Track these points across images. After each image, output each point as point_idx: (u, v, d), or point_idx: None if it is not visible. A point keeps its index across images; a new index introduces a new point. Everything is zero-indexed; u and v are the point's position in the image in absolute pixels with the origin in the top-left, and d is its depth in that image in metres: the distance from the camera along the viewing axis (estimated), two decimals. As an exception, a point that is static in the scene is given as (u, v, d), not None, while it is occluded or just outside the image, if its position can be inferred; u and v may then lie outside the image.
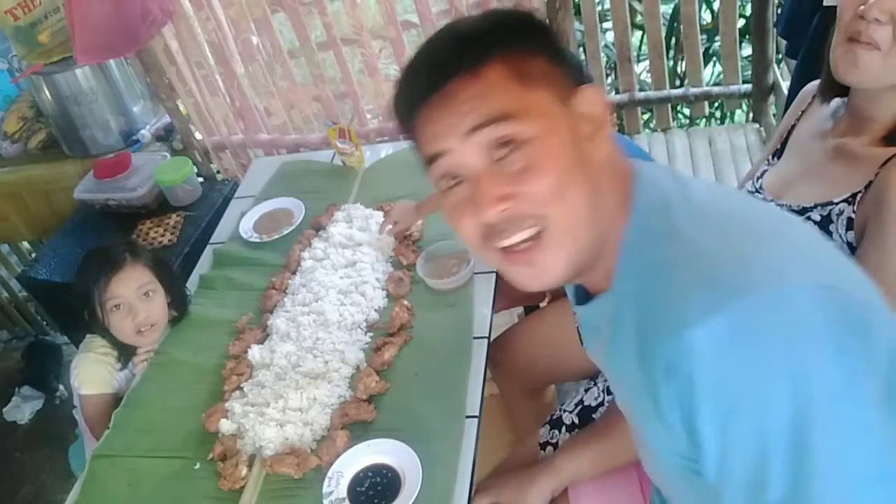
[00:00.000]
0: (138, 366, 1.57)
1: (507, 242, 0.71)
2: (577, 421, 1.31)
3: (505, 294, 1.59)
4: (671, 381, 0.63)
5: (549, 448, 1.31)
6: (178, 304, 1.62)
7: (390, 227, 1.63)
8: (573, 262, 0.72)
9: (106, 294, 1.49)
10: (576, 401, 1.34)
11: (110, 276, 1.49)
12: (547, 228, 0.70)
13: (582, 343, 0.91)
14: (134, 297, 1.51)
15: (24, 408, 2.81)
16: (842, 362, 0.60)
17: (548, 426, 1.33)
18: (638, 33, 2.91)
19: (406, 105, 0.74)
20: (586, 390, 1.33)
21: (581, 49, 2.52)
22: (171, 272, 1.65)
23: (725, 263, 0.64)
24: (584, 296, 0.83)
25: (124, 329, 1.52)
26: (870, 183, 0.97)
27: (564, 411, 1.33)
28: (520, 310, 2.01)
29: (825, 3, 1.27)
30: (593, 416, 1.28)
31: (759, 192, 1.18)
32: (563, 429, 1.31)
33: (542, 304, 1.79)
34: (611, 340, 0.77)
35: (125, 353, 1.56)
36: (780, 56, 2.00)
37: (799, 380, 0.59)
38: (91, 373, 1.55)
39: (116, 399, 1.54)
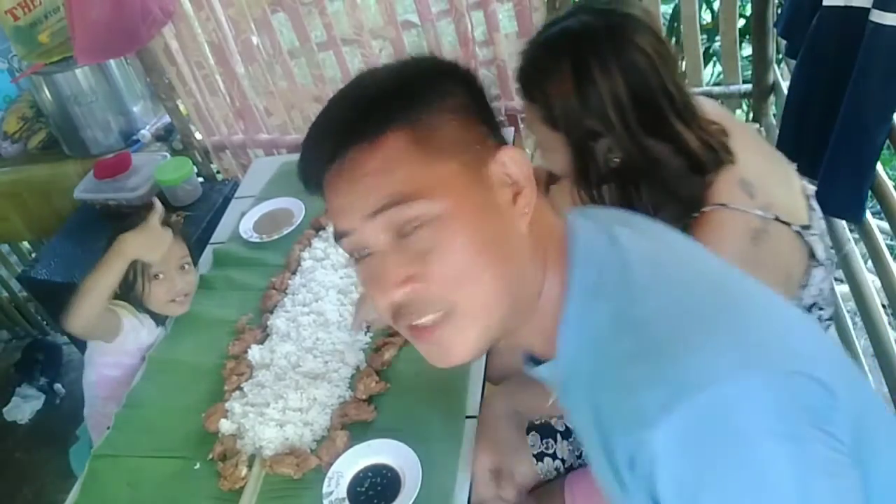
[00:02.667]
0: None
1: (414, 322, 0.68)
2: (571, 426, 1.30)
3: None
4: (634, 471, 0.61)
5: (547, 459, 1.30)
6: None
7: (365, 325, 1.45)
8: (482, 342, 0.69)
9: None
10: None
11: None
12: (454, 311, 0.66)
13: None
14: (174, 267, 1.58)
15: (24, 408, 2.81)
16: (800, 453, 0.58)
17: (538, 435, 1.32)
18: (638, 33, 2.91)
19: (310, 170, 0.70)
20: None
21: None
22: (192, 249, 1.72)
23: (676, 357, 0.60)
24: (530, 356, 0.80)
25: (159, 297, 1.58)
26: None
27: (552, 418, 1.33)
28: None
29: (825, 4, 1.27)
30: None
31: None
32: (559, 436, 1.31)
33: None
34: (569, 408, 0.75)
35: (153, 316, 1.62)
36: (780, 56, 1.99)
37: (764, 479, 0.57)
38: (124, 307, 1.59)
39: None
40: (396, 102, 0.66)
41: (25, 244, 2.97)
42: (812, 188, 1.22)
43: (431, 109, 0.66)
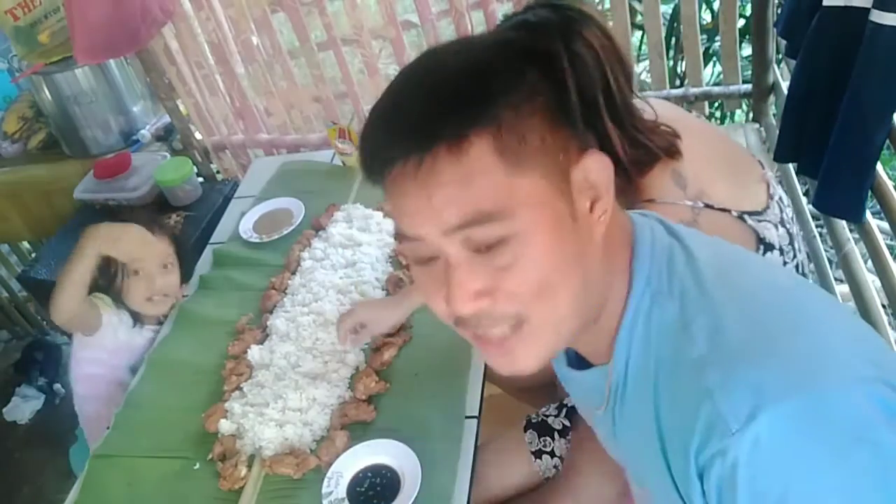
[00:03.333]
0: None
1: (482, 333, 0.65)
2: (567, 423, 1.31)
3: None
4: (707, 482, 0.59)
5: (545, 457, 1.31)
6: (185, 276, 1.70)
7: (352, 337, 1.37)
8: (551, 352, 0.67)
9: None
10: (555, 404, 1.34)
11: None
12: (525, 324, 0.63)
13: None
14: (156, 265, 1.58)
15: (24, 408, 2.81)
16: (885, 458, 0.56)
17: (535, 433, 1.33)
18: (638, 33, 2.91)
19: (376, 162, 0.63)
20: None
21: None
22: (186, 252, 1.72)
23: (755, 363, 0.59)
24: (575, 358, 0.78)
25: (137, 295, 1.58)
26: None
27: (548, 416, 1.33)
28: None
29: (825, 4, 1.27)
30: None
31: None
32: (556, 434, 1.31)
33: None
34: (615, 415, 0.73)
35: (133, 315, 1.62)
36: (780, 56, 1.99)
37: (848, 486, 0.56)
38: (103, 300, 1.59)
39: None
40: (482, 100, 0.59)
41: (25, 244, 2.97)
42: (772, 174, 1.21)
43: (519, 112, 0.59)
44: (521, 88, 0.61)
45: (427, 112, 0.59)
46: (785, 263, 1.12)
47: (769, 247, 1.09)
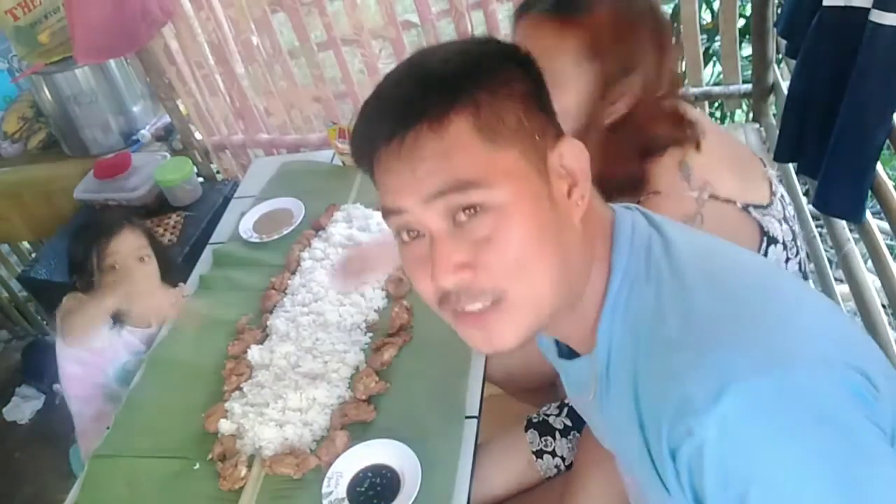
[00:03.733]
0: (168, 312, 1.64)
1: (462, 309, 0.67)
2: (569, 423, 1.30)
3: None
4: (677, 462, 0.61)
5: (546, 457, 1.31)
6: (169, 273, 1.70)
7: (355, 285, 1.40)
8: (529, 330, 0.68)
9: (106, 251, 1.55)
10: (557, 404, 1.34)
11: (110, 235, 1.57)
12: (504, 300, 0.65)
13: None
14: (130, 258, 1.58)
15: (24, 408, 2.81)
16: (847, 440, 0.57)
17: (536, 433, 1.32)
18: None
19: (364, 145, 0.68)
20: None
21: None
22: (159, 244, 1.74)
23: (722, 344, 0.61)
24: (566, 349, 0.80)
25: (118, 290, 1.56)
26: None
27: (550, 415, 1.33)
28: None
29: (825, 4, 1.27)
30: None
31: None
32: (557, 434, 1.31)
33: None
34: (602, 402, 0.74)
35: (113, 316, 1.61)
36: (780, 56, 1.99)
37: (811, 465, 0.57)
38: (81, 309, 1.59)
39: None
40: (461, 83, 0.63)
41: (25, 244, 2.97)
42: (774, 172, 1.22)
43: (496, 94, 0.64)
44: (498, 75, 0.65)
45: (410, 95, 0.64)
46: (788, 259, 1.12)
47: (773, 240, 1.09)
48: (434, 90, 0.63)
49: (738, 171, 1.12)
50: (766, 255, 1.09)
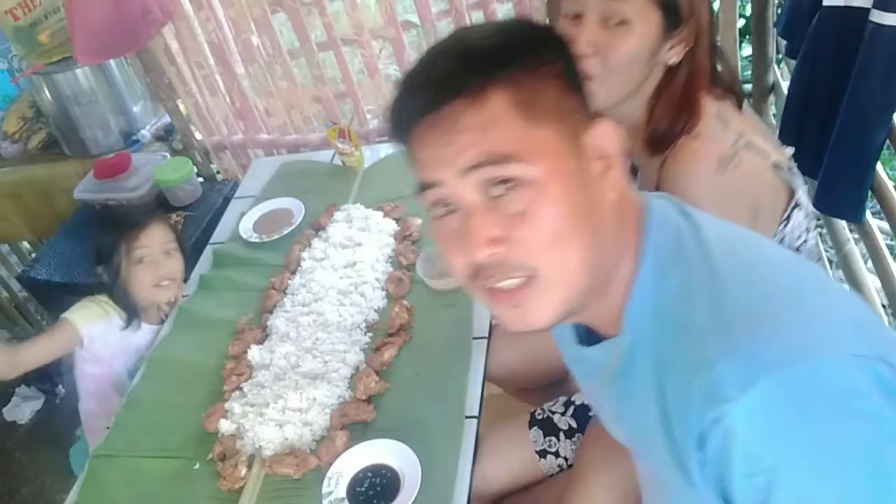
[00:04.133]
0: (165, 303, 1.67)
1: (494, 285, 0.67)
2: (574, 424, 1.30)
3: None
4: (704, 450, 0.61)
5: (550, 456, 1.30)
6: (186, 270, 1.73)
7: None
8: (563, 309, 0.68)
9: (135, 243, 1.58)
10: (563, 401, 1.33)
11: (141, 228, 1.60)
12: (537, 277, 0.65)
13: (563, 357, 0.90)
14: (158, 250, 1.61)
15: (24, 408, 2.81)
16: (878, 432, 0.57)
17: (541, 432, 1.32)
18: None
19: (402, 118, 0.68)
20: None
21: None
22: (182, 241, 1.76)
23: (754, 332, 0.61)
24: (586, 335, 0.80)
25: (144, 281, 1.60)
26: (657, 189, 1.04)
27: (555, 413, 1.33)
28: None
29: (825, 3, 1.27)
30: (590, 414, 1.28)
31: None
32: (562, 435, 1.31)
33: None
34: (620, 386, 0.74)
35: (132, 314, 1.63)
36: (780, 56, 1.99)
37: (839, 455, 0.57)
38: (91, 310, 1.62)
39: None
40: (501, 59, 0.64)
41: (25, 244, 2.97)
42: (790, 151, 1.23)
43: (534, 72, 0.65)
44: (536, 54, 0.66)
45: (450, 68, 0.65)
46: (808, 230, 1.14)
47: (798, 204, 1.11)
48: (474, 64, 0.64)
49: (766, 138, 1.14)
50: (789, 218, 1.10)
